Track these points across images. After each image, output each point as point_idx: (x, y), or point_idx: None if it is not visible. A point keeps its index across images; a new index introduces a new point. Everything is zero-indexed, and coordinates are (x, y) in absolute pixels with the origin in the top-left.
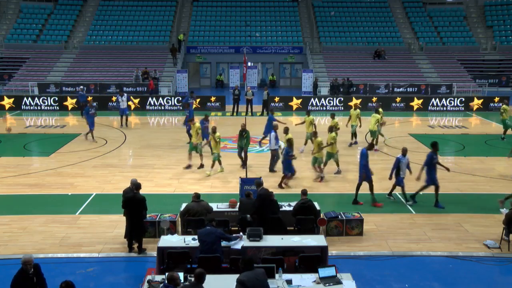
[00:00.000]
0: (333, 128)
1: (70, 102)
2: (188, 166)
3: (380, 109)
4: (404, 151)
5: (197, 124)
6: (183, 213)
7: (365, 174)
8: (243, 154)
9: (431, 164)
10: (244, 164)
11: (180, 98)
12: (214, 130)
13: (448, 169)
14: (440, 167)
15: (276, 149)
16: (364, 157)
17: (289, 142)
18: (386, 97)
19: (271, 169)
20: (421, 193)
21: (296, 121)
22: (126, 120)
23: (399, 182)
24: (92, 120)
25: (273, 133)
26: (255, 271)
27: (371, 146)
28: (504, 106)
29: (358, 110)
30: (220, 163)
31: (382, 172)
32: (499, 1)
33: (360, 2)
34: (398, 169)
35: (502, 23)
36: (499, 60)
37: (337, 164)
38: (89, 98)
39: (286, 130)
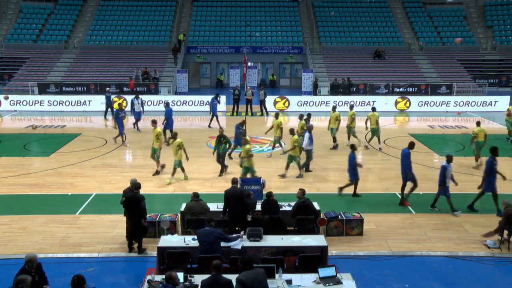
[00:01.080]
0: (294, 131)
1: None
2: (157, 172)
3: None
4: (450, 158)
5: (158, 129)
6: (184, 212)
7: (410, 174)
8: (232, 159)
9: (491, 171)
10: (222, 172)
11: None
12: (174, 136)
13: (504, 177)
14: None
15: (310, 149)
16: (406, 157)
17: (353, 148)
18: (386, 97)
19: (308, 169)
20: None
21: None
22: (136, 123)
23: (445, 191)
24: (122, 124)
25: (307, 134)
26: (255, 271)
27: (411, 145)
28: (510, 107)
29: (337, 112)
30: (183, 170)
31: (382, 172)
32: (499, 1)
33: (360, 2)
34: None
35: (502, 23)
36: (499, 60)
37: (299, 168)
38: (124, 103)
39: (291, 131)
